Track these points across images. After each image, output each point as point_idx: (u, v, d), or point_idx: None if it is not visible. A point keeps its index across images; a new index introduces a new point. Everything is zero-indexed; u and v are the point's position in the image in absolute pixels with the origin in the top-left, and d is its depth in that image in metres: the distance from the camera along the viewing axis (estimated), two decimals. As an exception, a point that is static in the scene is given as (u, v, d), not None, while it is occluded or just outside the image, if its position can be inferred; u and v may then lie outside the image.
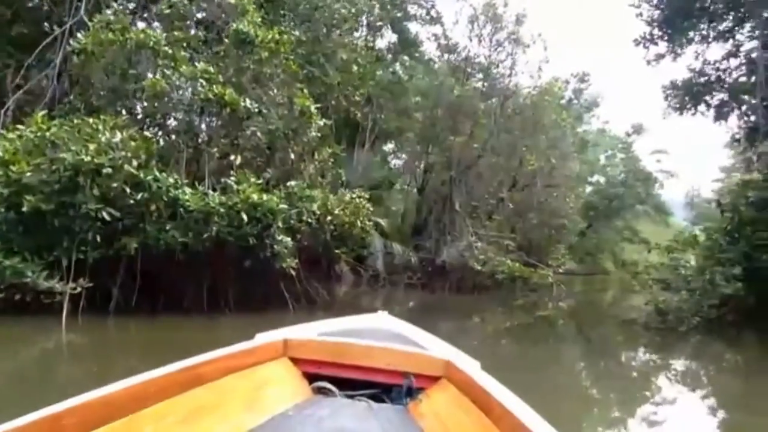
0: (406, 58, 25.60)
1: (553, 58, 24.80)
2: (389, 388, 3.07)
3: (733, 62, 12.50)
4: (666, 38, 15.97)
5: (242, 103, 10.57)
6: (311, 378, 3.10)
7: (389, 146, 30.65)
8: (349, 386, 3.06)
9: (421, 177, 26.73)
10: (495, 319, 15.97)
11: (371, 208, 13.21)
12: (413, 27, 26.02)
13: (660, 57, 17.12)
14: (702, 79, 14.06)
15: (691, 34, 15.03)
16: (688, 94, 13.37)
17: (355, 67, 15.67)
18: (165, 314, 9.92)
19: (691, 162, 66.08)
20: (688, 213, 37.51)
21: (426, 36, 25.46)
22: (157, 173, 9.53)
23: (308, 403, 2.83)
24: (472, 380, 2.56)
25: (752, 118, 11.17)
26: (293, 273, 10.98)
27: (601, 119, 34.81)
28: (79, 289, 8.92)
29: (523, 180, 23.90)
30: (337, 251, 12.96)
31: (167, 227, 9.50)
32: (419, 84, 24.44)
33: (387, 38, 25.23)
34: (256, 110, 10.93)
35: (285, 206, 10.36)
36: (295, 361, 3.14)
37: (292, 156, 11.75)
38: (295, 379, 3.06)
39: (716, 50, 14.35)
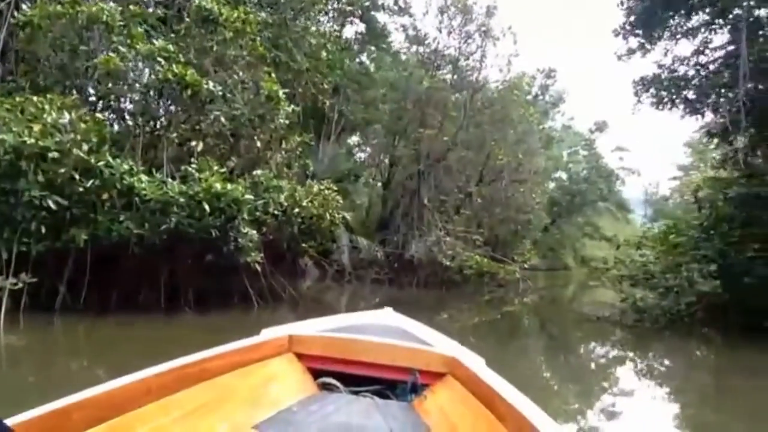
0: (373, 48, 24.95)
1: (522, 53, 24.59)
2: (394, 385, 3.04)
3: (711, 56, 12.27)
4: (639, 32, 15.78)
5: (204, 86, 9.75)
6: (316, 374, 3.08)
7: (355, 139, 30.03)
8: (354, 382, 3.05)
9: (387, 170, 26.24)
10: (462, 315, 15.54)
11: (341, 200, 12.56)
12: (381, 17, 25.41)
13: (631, 52, 16.91)
14: (679, 73, 13.82)
15: (663, 30, 14.84)
16: (666, 89, 13.09)
17: (324, 54, 14.92)
18: (118, 313, 9.08)
19: (650, 160, 67.43)
20: (645, 210, 37.96)
21: (394, 27, 24.90)
22: (110, 159, 8.66)
23: (313, 399, 2.80)
24: (477, 377, 2.53)
25: (726, 112, 10.91)
26: (258, 268, 10.26)
27: (566, 116, 34.91)
28: (20, 285, 8.00)
29: (491, 175, 23.57)
30: (303, 245, 12.27)
31: (121, 218, 8.67)
32: (387, 75, 23.84)
33: (354, 28, 24.54)
34: (220, 93, 10.14)
35: (250, 197, 9.63)
36: (301, 356, 3.13)
37: (258, 144, 10.98)
38: (301, 374, 3.04)
39: (688, 46, 14.04)
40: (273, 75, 11.37)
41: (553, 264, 34.99)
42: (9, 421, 1.48)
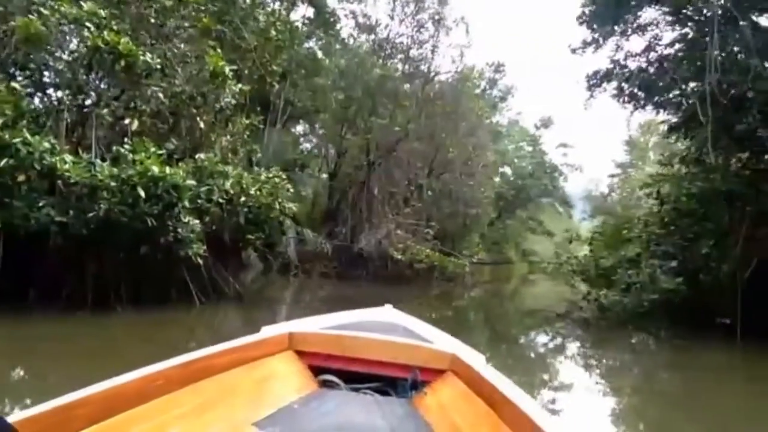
0: (322, 34, 23.95)
1: (473, 45, 24.08)
2: (394, 382, 3.02)
3: (666, 51, 12.02)
4: (594, 26, 15.54)
5: (141, 57, 8.64)
6: (317, 371, 3.06)
7: (300, 128, 29.02)
8: (354, 379, 3.02)
9: (335, 161, 25.40)
10: (413, 311, 14.90)
11: (291, 189, 11.65)
12: (331, 2, 24.39)
13: (586, 45, 16.64)
14: (632, 68, 13.59)
15: (616, 24, 14.63)
16: (627, 81, 12.80)
17: (273, 32, 13.88)
18: (36, 310, 7.93)
19: (591, 157, 69.06)
20: (585, 206, 38.56)
21: (344, 13, 23.94)
22: (29, 135, 7.49)
23: (314, 396, 2.81)
24: (478, 374, 2.53)
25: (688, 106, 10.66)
26: (200, 261, 9.24)
27: (513, 111, 34.86)
28: None
29: (441, 167, 23.09)
30: (250, 237, 11.28)
31: (41, 203, 7.52)
32: (336, 63, 22.92)
33: (302, 11, 23.44)
34: (158, 67, 9.04)
35: (192, 182, 8.63)
36: (301, 354, 3.11)
37: (201, 125, 9.94)
38: (301, 372, 3.02)
39: (640, 41, 13.79)
40: (219, 50, 10.31)
41: (497, 258, 35.03)
42: (10, 419, 1.48)
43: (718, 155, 10.28)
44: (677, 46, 11.24)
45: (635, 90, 12.93)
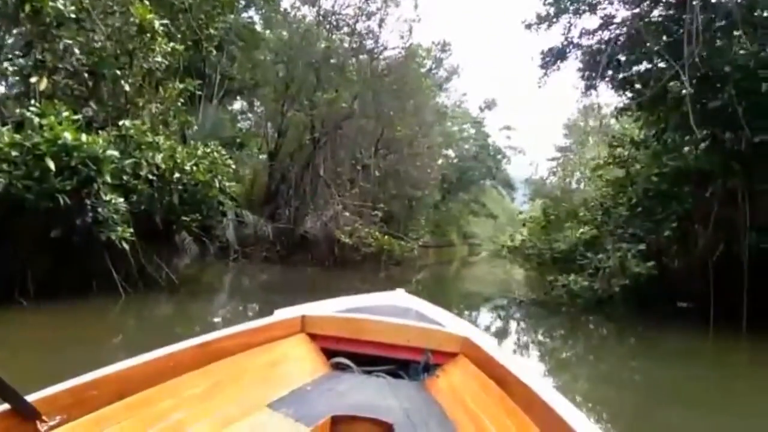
0: (262, 2, 22.32)
1: (421, 20, 22.99)
2: (407, 364, 3.01)
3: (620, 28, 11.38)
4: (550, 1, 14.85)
5: (51, 2, 7.13)
6: (329, 354, 3.06)
7: (239, 104, 27.30)
8: (366, 362, 3.02)
9: (275, 140, 23.97)
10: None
11: (233, 166, 10.36)
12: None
13: (541, 21, 15.93)
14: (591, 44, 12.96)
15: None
16: (592, 56, 12.11)
17: (209, -10, 12.37)
18: None
19: (533, 140, 69.47)
20: (526, 189, 38.45)
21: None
22: None
23: (326, 378, 2.80)
24: (489, 356, 2.53)
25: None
26: (126, 246, 7.87)
27: (459, 92, 34.08)
28: None
29: (387, 147, 22.09)
30: (185, 218, 9.93)
31: None
32: (277, 35, 21.41)
33: (240, -21, 21.70)
34: (73, 16, 7.53)
35: (114, 153, 7.24)
36: (313, 337, 3.11)
37: (127, 88, 8.48)
38: (313, 354, 3.02)
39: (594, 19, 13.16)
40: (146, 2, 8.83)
41: (440, 241, 34.51)
42: (30, 398, 1.49)
43: (683, 134, 9.74)
44: (648, 19, 10.57)
45: (597, 66, 12.26)
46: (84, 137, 6.81)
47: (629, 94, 13.85)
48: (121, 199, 7.52)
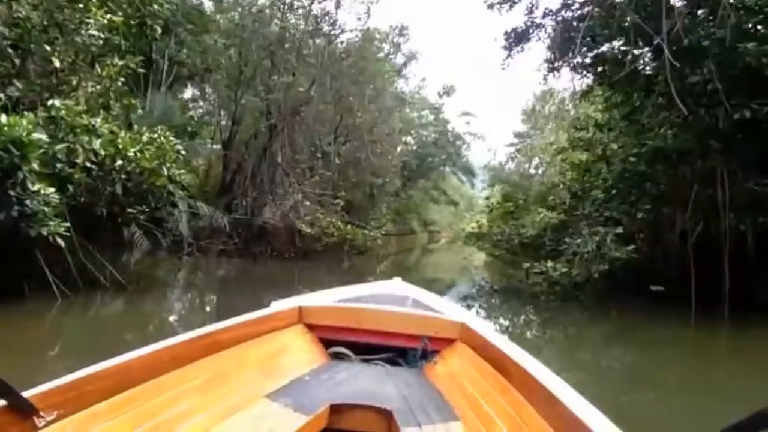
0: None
1: (379, 2, 22.18)
2: (405, 352, 3.02)
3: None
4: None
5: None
6: (327, 343, 3.07)
7: (191, 92, 25.95)
8: (365, 351, 3.03)
9: (229, 129, 22.85)
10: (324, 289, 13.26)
11: (183, 152, 9.44)
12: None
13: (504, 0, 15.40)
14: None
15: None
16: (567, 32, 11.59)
17: (152, -37, 11.29)
18: None
19: (492, 126, 69.20)
20: (485, 175, 38.18)
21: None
22: None
23: (325, 368, 2.79)
24: (487, 341, 2.52)
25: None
26: (61, 243, 6.92)
27: (417, 77, 33.35)
28: None
29: (347, 133, 21.29)
30: (131, 210, 8.98)
31: None
32: (229, 17, 20.22)
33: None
34: (-10, -19, 6.51)
35: (42, 137, 6.29)
36: (311, 327, 3.11)
37: (57, 64, 7.47)
38: (312, 344, 3.02)
39: None
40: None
41: (401, 229, 33.95)
42: (26, 393, 1.46)
43: (659, 112, 9.36)
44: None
45: (565, 45, 11.78)
46: (4, 118, 5.85)
47: (597, 75, 13.50)
48: (52, 189, 6.56)
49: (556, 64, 15.25)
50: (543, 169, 30.84)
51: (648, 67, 8.99)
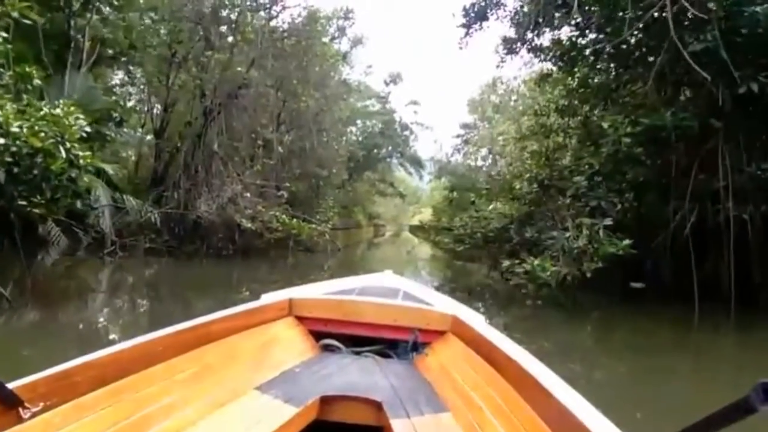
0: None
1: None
2: (396, 344, 3.00)
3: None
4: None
5: None
6: (318, 336, 3.05)
7: (119, 77, 23.45)
8: (355, 343, 3.02)
9: (161, 116, 20.66)
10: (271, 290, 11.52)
11: (87, 130, 7.52)
12: None
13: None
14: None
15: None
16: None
17: None
18: None
19: (438, 116, 67.69)
20: (432, 167, 36.96)
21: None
22: None
23: (315, 360, 2.78)
24: (478, 333, 2.50)
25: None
26: None
27: (363, 64, 31.44)
28: None
29: (290, 120, 19.44)
30: (22, 202, 7.02)
31: None
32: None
33: None
34: None
35: None
36: (301, 319, 3.10)
37: None
38: (302, 336, 3.01)
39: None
40: None
41: (347, 223, 32.31)
42: (11, 385, 1.44)
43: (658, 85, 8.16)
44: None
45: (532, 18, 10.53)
46: None
47: (560, 56, 12.36)
48: None
49: (514, 46, 14.18)
50: (491, 161, 29.99)
51: (641, 35, 7.78)
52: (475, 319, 2.80)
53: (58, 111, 7.06)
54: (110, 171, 17.18)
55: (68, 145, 6.93)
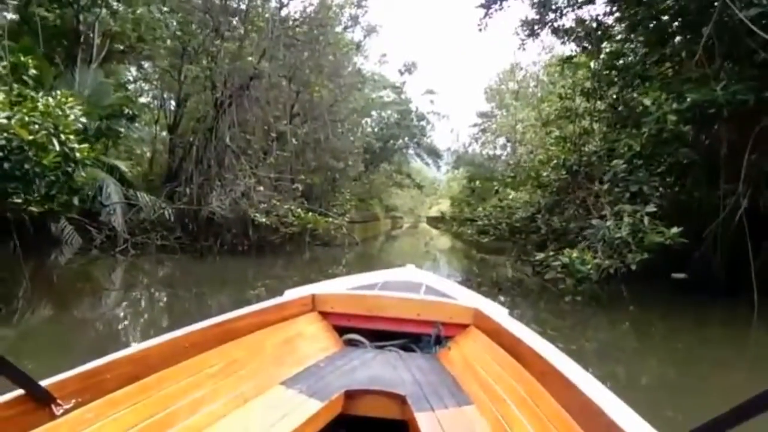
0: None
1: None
2: (418, 338, 3.00)
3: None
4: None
5: None
6: (341, 331, 3.06)
7: (132, 73, 23.11)
8: (378, 338, 3.02)
9: (174, 111, 20.29)
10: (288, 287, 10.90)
11: (82, 119, 6.95)
12: None
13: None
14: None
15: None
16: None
17: None
18: None
19: (455, 105, 65.91)
20: (449, 157, 36.10)
21: None
22: None
23: (339, 355, 2.78)
24: (501, 326, 2.47)
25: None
26: None
27: (377, 53, 30.53)
28: None
29: (305, 112, 18.80)
30: (16, 200, 6.48)
31: None
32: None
33: None
34: None
35: None
36: (325, 315, 3.09)
37: None
38: (326, 332, 3.00)
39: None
40: None
41: (365, 215, 31.63)
42: (44, 383, 1.46)
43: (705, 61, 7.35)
44: None
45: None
46: None
47: (586, 36, 11.60)
48: None
49: (536, 27, 13.42)
50: (509, 149, 29.09)
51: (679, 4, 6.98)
52: (498, 312, 2.77)
53: (50, 101, 6.48)
54: (123, 168, 16.84)
55: (63, 137, 6.37)
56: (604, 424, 1.37)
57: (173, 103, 21.67)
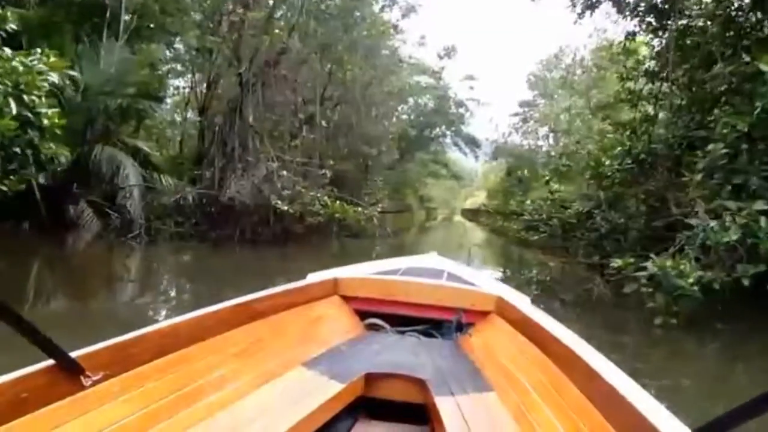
0: None
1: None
2: (440, 324, 2.95)
3: None
4: None
5: None
6: (363, 315, 3.02)
7: (164, 54, 22.12)
8: (400, 322, 2.98)
9: (204, 93, 19.17)
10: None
11: (52, 75, 5.63)
12: None
13: None
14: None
15: None
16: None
17: None
18: None
19: (496, 92, 63.27)
20: (488, 148, 34.15)
21: None
22: None
23: (360, 338, 2.76)
24: (523, 314, 2.44)
25: None
26: None
27: (416, 35, 28.58)
28: None
29: (336, 93, 17.38)
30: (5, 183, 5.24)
31: None
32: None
33: None
34: None
35: None
36: (347, 299, 3.06)
37: None
38: (347, 315, 2.98)
39: None
40: None
41: (398, 206, 30.08)
42: (74, 354, 1.46)
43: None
44: None
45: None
46: None
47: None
48: None
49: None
50: (552, 139, 27.20)
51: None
52: (520, 300, 2.77)
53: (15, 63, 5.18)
54: (146, 149, 15.82)
55: (28, 99, 5.08)
56: (629, 414, 1.28)
57: (204, 85, 20.75)
